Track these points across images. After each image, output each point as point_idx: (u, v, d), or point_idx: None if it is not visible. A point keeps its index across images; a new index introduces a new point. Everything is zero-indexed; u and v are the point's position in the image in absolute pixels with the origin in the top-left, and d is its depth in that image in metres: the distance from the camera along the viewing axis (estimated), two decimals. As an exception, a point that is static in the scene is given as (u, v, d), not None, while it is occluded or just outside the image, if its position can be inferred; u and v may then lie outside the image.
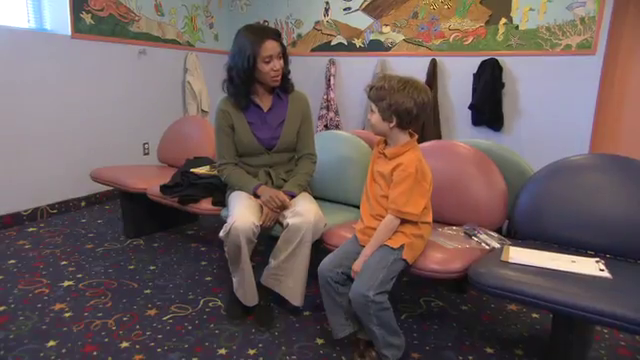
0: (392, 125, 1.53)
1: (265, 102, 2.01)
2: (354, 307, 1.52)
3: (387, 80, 1.52)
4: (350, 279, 1.58)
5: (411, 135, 1.59)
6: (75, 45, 3.26)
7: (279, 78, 1.93)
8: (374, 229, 1.58)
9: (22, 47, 2.95)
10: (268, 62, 1.87)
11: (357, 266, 1.55)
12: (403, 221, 1.55)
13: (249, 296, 1.86)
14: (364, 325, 1.54)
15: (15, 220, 3.02)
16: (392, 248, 1.54)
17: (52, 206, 3.24)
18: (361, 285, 1.48)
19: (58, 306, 1.99)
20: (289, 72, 2.02)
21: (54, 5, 3.21)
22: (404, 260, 1.54)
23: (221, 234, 1.76)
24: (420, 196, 1.53)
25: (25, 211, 3.07)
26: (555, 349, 1.58)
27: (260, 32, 1.86)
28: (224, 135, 1.99)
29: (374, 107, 1.55)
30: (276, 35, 1.89)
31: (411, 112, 1.49)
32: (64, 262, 2.46)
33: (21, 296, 2.07)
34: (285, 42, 2.73)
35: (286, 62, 1.97)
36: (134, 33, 3.69)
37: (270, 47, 1.85)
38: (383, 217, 1.57)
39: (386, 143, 1.64)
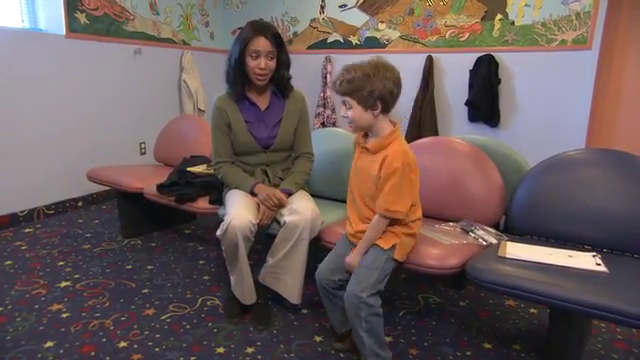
0: (377, 112, 1.46)
1: (262, 101, 2.00)
2: (347, 308, 1.50)
3: (356, 69, 1.44)
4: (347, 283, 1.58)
5: (393, 124, 1.52)
6: (70, 45, 3.24)
7: (264, 78, 1.90)
8: (364, 232, 1.56)
9: (16, 47, 2.93)
10: (255, 58, 1.86)
11: (351, 259, 1.54)
12: (393, 221, 1.51)
13: (247, 294, 1.86)
14: (353, 330, 1.52)
15: (11, 221, 3.00)
16: (384, 249, 1.52)
17: (49, 207, 3.23)
18: (355, 286, 1.47)
19: (55, 307, 1.99)
20: (290, 78, 2.01)
21: (48, 5, 3.19)
22: (395, 260, 1.53)
23: (218, 233, 1.75)
24: (409, 191, 1.48)
25: (21, 212, 3.06)
26: (553, 344, 1.58)
27: (258, 28, 1.86)
28: (220, 133, 1.98)
29: (350, 101, 1.47)
30: (272, 35, 1.86)
31: (393, 92, 1.44)
32: (61, 263, 2.45)
33: (18, 297, 2.07)
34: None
35: (285, 67, 1.96)
36: (129, 32, 3.67)
37: (259, 44, 1.84)
38: (371, 219, 1.54)
39: (366, 136, 1.56)
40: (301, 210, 1.78)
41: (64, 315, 1.92)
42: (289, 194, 1.91)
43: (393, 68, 1.47)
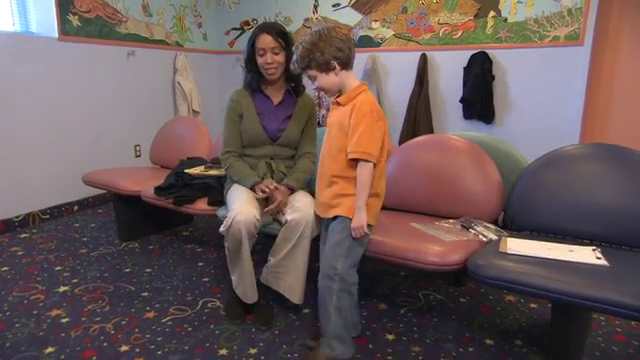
0: (337, 70, 1.53)
1: (276, 96, 2.05)
2: (319, 280, 1.56)
3: (302, 43, 1.53)
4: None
5: (362, 83, 1.60)
6: (62, 47, 3.21)
7: (274, 72, 1.95)
8: (328, 201, 1.59)
9: (8, 50, 2.90)
10: (262, 55, 1.93)
11: (357, 221, 1.52)
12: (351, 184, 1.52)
13: (249, 293, 1.85)
14: (322, 306, 1.58)
15: (6, 226, 2.97)
16: (350, 218, 1.53)
17: (44, 211, 3.20)
18: (329, 257, 1.54)
19: (55, 312, 1.97)
20: (300, 74, 2.02)
21: (40, 7, 3.16)
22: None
23: (222, 229, 1.75)
24: (379, 136, 1.52)
25: (16, 217, 3.03)
26: (554, 338, 1.59)
27: (262, 27, 1.94)
28: (232, 123, 2.02)
29: (312, 72, 1.56)
30: (275, 32, 1.92)
31: (343, 48, 1.51)
32: (58, 267, 2.43)
33: (16, 303, 2.05)
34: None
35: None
36: (122, 34, 3.65)
37: (263, 41, 1.91)
38: (336, 182, 1.56)
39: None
40: (302, 208, 1.78)
41: (64, 320, 1.90)
42: (291, 190, 1.92)
43: (335, 28, 1.54)
